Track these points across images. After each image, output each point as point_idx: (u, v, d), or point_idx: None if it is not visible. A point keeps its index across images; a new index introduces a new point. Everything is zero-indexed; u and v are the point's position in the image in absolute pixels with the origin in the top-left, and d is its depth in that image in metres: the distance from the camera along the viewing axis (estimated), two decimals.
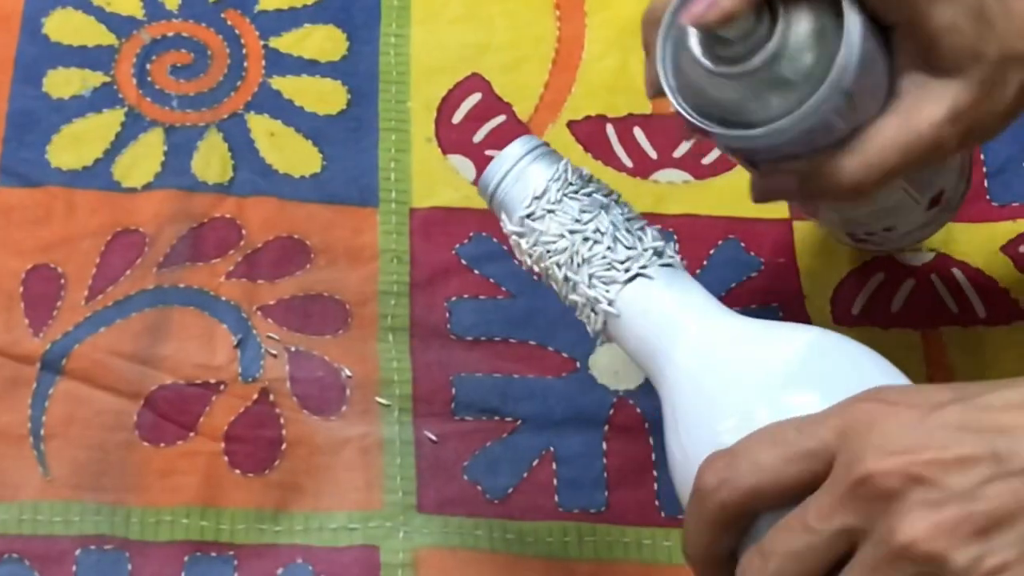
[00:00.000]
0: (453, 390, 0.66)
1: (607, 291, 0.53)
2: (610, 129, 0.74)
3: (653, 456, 0.65)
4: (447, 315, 0.68)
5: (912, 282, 0.70)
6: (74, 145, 0.71)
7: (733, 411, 0.49)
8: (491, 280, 0.69)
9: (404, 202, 0.71)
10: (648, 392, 0.66)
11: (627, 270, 0.53)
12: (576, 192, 0.55)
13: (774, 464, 0.45)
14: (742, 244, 0.71)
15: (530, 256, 0.55)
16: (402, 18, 0.77)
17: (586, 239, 0.54)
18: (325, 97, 0.74)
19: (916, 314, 0.69)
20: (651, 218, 0.70)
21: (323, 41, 0.76)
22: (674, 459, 0.51)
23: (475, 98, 0.75)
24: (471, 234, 0.70)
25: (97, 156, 0.71)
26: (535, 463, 0.65)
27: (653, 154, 0.73)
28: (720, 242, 0.71)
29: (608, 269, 0.54)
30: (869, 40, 0.52)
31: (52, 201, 0.70)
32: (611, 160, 0.73)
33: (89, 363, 0.65)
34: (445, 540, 0.62)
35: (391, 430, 0.65)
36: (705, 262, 0.70)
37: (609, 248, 0.54)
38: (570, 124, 0.74)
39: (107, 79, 0.74)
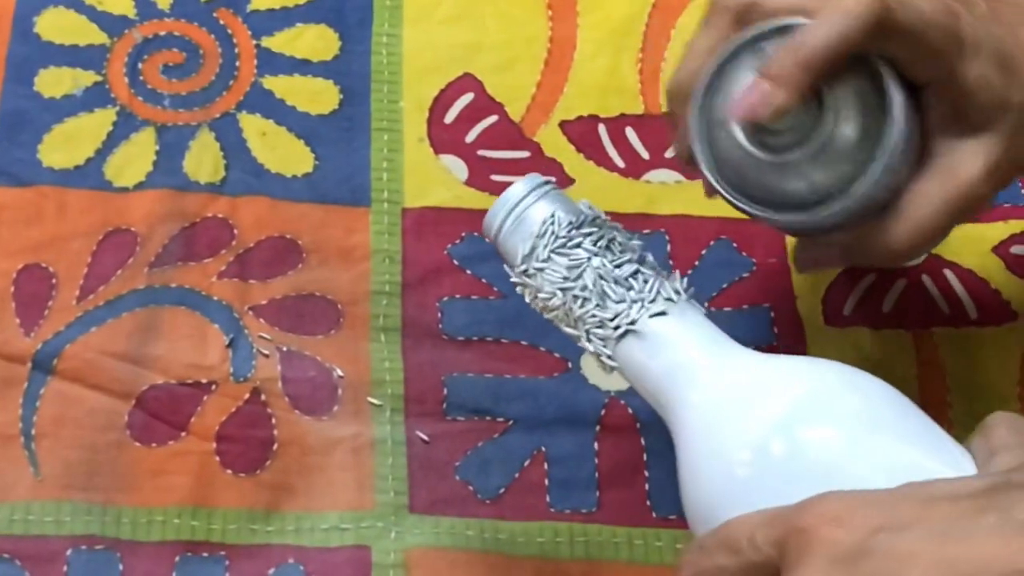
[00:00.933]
0: (445, 390, 0.66)
1: (604, 346, 0.54)
2: (602, 129, 0.74)
3: (644, 456, 0.65)
4: (439, 315, 0.68)
5: (903, 283, 0.70)
6: (66, 144, 0.71)
7: (748, 445, 0.49)
8: (483, 280, 0.69)
9: (396, 202, 0.71)
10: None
11: (616, 327, 0.53)
12: (563, 246, 0.54)
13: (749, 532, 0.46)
14: (734, 244, 0.71)
15: (533, 303, 0.55)
16: (394, 18, 0.77)
17: (576, 297, 0.54)
18: (317, 97, 0.74)
19: (907, 315, 0.69)
20: (643, 218, 0.71)
21: (315, 41, 0.76)
22: (688, 498, 0.51)
23: (467, 98, 0.75)
24: (463, 234, 0.70)
25: (89, 155, 0.71)
26: (526, 463, 0.65)
27: (645, 154, 0.73)
28: (712, 242, 0.71)
29: (600, 327, 0.54)
30: (909, 112, 0.53)
31: (43, 200, 0.69)
32: (603, 160, 0.73)
33: (80, 363, 0.65)
34: (437, 540, 0.62)
35: (383, 430, 0.65)
36: (697, 262, 0.70)
37: (598, 306, 0.53)
38: (562, 124, 0.74)
39: (99, 78, 0.74)
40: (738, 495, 0.49)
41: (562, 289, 0.54)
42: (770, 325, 0.69)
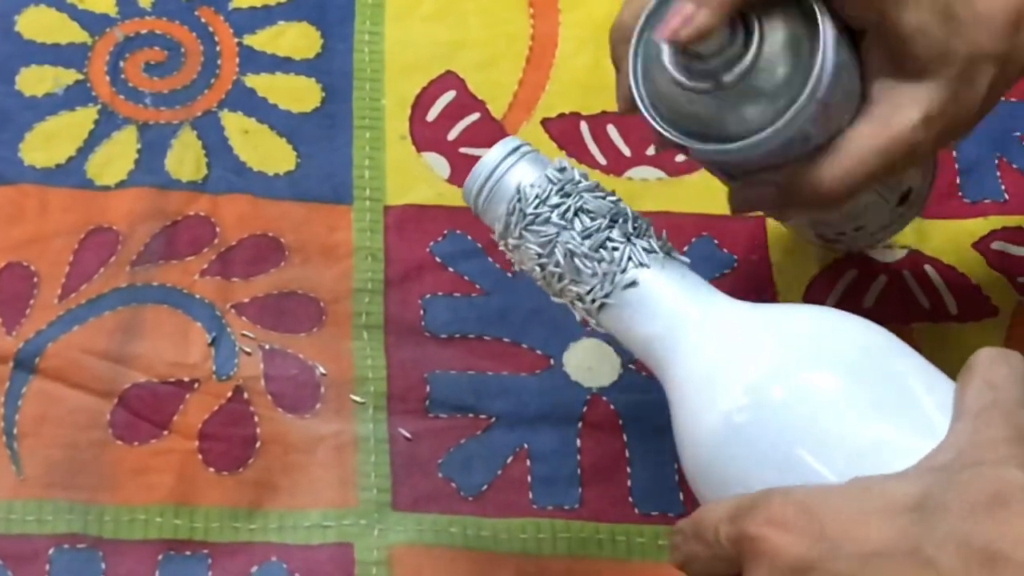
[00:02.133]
0: (427, 387, 0.66)
1: (588, 315, 0.54)
2: (584, 127, 0.74)
3: (627, 452, 0.65)
4: (421, 312, 0.68)
5: (884, 279, 0.71)
6: (47, 143, 0.71)
7: (741, 389, 0.49)
8: (465, 277, 0.69)
9: (378, 200, 0.71)
10: (621, 388, 0.66)
11: (592, 300, 0.53)
12: (532, 223, 0.54)
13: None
14: (715, 241, 0.71)
15: (526, 263, 0.55)
16: (376, 15, 0.77)
17: (552, 273, 0.54)
18: (299, 95, 0.74)
19: (888, 311, 0.70)
20: None
21: (297, 39, 0.76)
22: (686, 454, 0.51)
23: (449, 96, 0.75)
24: (445, 231, 0.70)
25: (70, 154, 0.71)
26: (509, 460, 0.65)
27: (627, 151, 0.73)
28: (693, 239, 0.71)
29: (578, 299, 0.54)
30: (842, 48, 0.52)
31: (25, 199, 0.69)
32: (585, 157, 0.73)
33: (62, 362, 0.65)
34: (420, 537, 0.62)
35: (365, 428, 0.65)
36: None
37: (573, 281, 0.53)
38: (544, 122, 0.74)
39: (80, 77, 0.73)
40: (736, 443, 0.49)
41: (539, 265, 0.54)
42: None
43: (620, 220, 0.53)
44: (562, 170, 0.54)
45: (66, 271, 0.68)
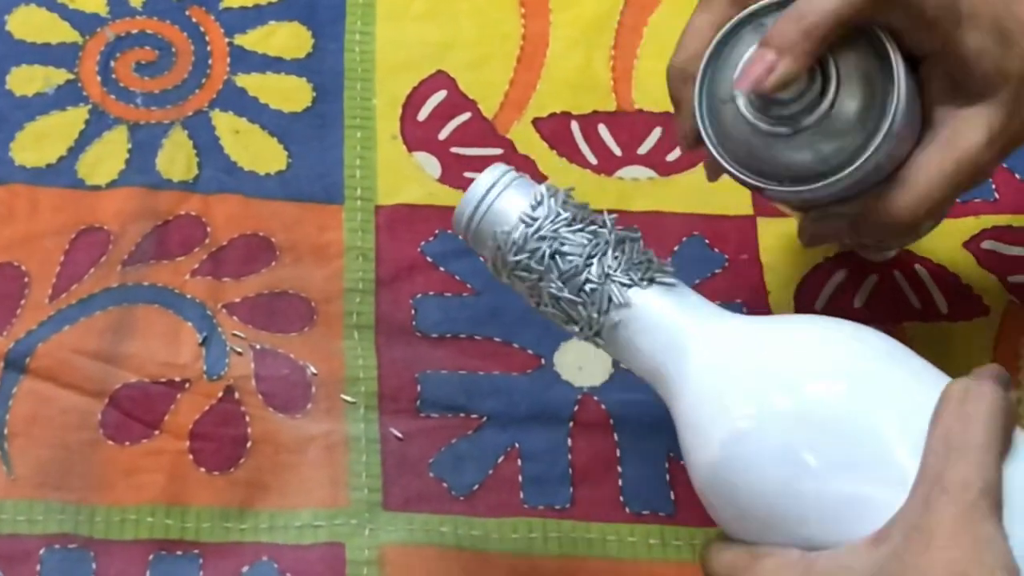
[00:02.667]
0: (418, 387, 0.66)
1: (588, 341, 0.54)
2: (575, 126, 0.74)
3: (618, 452, 0.65)
4: (412, 312, 0.68)
5: (875, 278, 0.71)
6: (38, 143, 0.71)
7: (752, 400, 0.50)
8: (456, 277, 0.69)
9: (369, 199, 0.71)
10: (612, 388, 0.66)
11: (581, 330, 0.54)
12: (515, 268, 0.54)
13: None
14: (706, 240, 0.71)
15: (516, 286, 0.55)
16: (367, 15, 0.77)
17: (545, 313, 0.54)
18: (290, 94, 0.74)
19: (879, 310, 0.70)
20: (616, 215, 0.71)
21: (288, 38, 0.76)
22: (695, 467, 0.51)
23: (440, 95, 0.75)
24: (436, 231, 0.70)
25: (61, 154, 0.71)
26: (500, 460, 0.65)
27: (617, 151, 0.73)
28: (684, 239, 0.71)
29: (578, 332, 0.54)
30: (910, 80, 0.53)
31: (15, 199, 0.69)
32: (576, 157, 0.73)
33: (53, 362, 0.65)
34: (411, 537, 0.63)
35: (356, 427, 0.65)
36: (669, 259, 0.70)
37: (564, 320, 0.54)
38: (535, 121, 0.74)
39: (71, 76, 0.73)
40: (743, 453, 0.49)
41: (534, 303, 0.54)
42: None
43: (598, 256, 0.53)
44: (536, 206, 0.53)
45: (57, 271, 0.68)
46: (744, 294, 0.70)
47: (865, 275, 0.71)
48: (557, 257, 0.53)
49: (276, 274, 0.69)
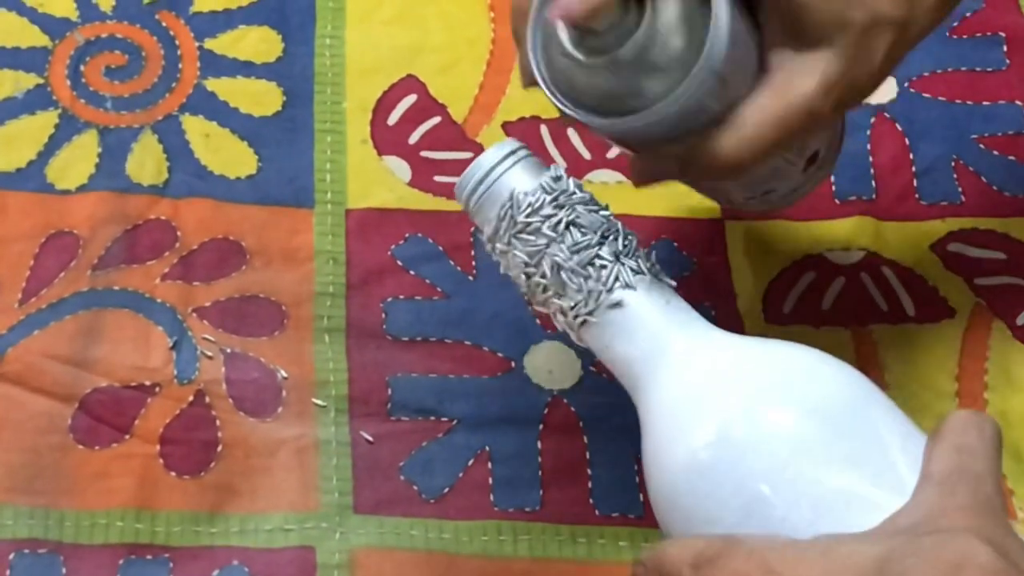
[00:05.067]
0: (389, 390, 0.66)
1: (569, 329, 0.54)
2: (544, 130, 0.74)
3: (587, 455, 0.65)
4: (383, 316, 0.68)
5: (842, 281, 0.71)
6: (7, 147, 0.71)
7: (711, 426, 0.49)
8: (427, 281, 0.69)
9: (340, 203, 0.71)
10: (582, 391, 0.67)
11: (576, 316, 0.53)
12: (523, 231, 0.54)
13: None
14: (675, 244, 0.71)
15: (513, 268, 0.55)
16: (337, 19, 0.77)
17: (537, 284, 0.54)
18: (260, 98, 0.74)
19: (846, 312, 0.70)
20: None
21: (258, 42, 0.76)
22: (651, 481, 0.51)
23: (410, 99, 0.75)
24: (406, 235, 0.71)
25: (30, 158, 0.71)
26: (471, 463, 0.65)
27: (587, 155, 0.74)
28: (653, 242, 0.71)
29: (560, 313, 0.54)
30: (737, 19, 0.52)
31: None
32: (545, 160, 0.72)
33: (22, 366, 0.65)
34: (381, 540, 0.63)
35: (327, 431, 0.65)
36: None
37: (557, 294, 0.53)
38: (504, 125, 0.74)
39: (40, 81, 0.73)
40: (701, 479, 0.49)
41: (525, 274, 0.54)
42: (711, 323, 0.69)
43: (611, 237, 0.53)
44: (557, 179, 0.54)
45: (26, 275, 0.67)
46: (713, 297, 0.70)
47: (832, 278, 0.71)
48: (572, 228, 0.53)
49: (246, 278, 0.69)
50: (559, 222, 0.53)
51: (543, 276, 0.53)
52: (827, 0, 0.52)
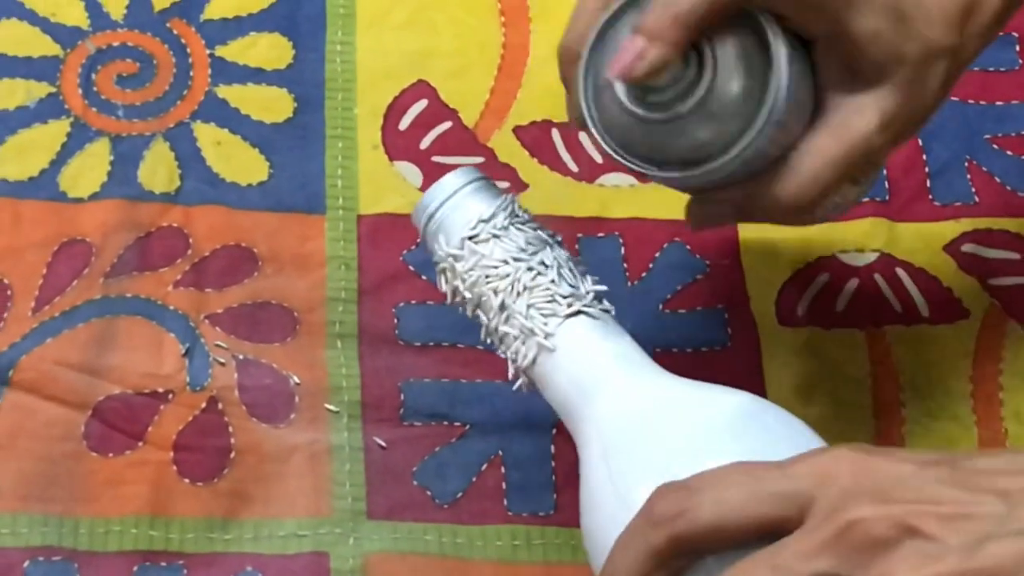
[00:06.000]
0: (402, 396, 0.66)
1: (545, 324, 0.53)
2: (556, 134, 0.74)
3: None
4: (395, 321, 0.68)
5: (856, 282, 0.71)
6: (19, 156, 0.71)
7: (653, 472, 0.48)
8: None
9: (351, 209, 0.71)
10: None
11: (570, 305, 0.53)
12: (523, 224, 0.54)
13: (742, 502, 0.44)
14: (687, 247, 0.71)
15: (463, 281, 0.54)
16: (347, 25, 0.77)
17: (530, 268, 0.54)
18: (271, 105, 0.74)
19: (860, 314, 0.70)
20: (597, 222, 0.72)
21: (269, 49, 0.76)
22: (583, 504, 0.50)
23: (421, 105, 0.75)
24: (418, 240, 0.70)
25: (43, 166, 0.71)
26: (484, 467, 0.65)
27: (598, 158, 0.74)
28: (665, 245, 0.71)
29: (550, 301, 0.53)
30: (795, 62, 0.52)
31: None
32: (557, 165, 0.73)
33: (36, 374, 0.65)
34: (395, 545, 0.63)
35: (340, 437, 0.65)
36: (651, 265, 0.71)
37: (553, 281, 0.53)
38: (516, 130, 0.74)
39: (52, 89, 0.73)
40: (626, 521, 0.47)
41: (515, 259, 0.54)
42: (724, 326, 0.69)
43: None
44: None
45: (39, 283, 0.68)
46: (725, 300, 0.70)
47: (846, 279, 0.71)
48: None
49: (258, 284, 0.69)
50: (553, 235, 0.54)
51: (541, 263, 0.54)
52: (884, 37, 0.52)
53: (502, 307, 0.54)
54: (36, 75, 0.74)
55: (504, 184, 0.72)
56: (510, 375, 0.54)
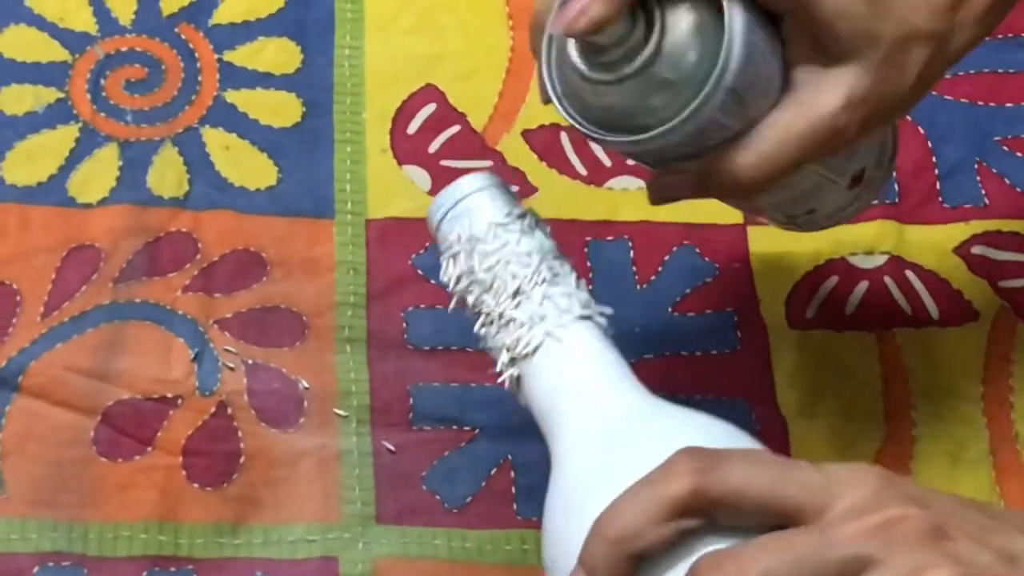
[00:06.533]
0: (411, 400, 0.66)
1: (559, 317, 0.53)
2: (564, 138, 0.74)
3: None
4: (404, 325, 0.68)
5: (866, 284, 0.71)
6: (28, 161, 0.71)
7: (609, 491, 0.47)
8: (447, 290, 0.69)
9: (360, 213, 0.71)
10: None
11: (584, 307, 0.53)
12: (546, 234, 0.55)
13: (770, 478, 0.44)
14: (697, 249, 0.71)
15: (480, 263, 0.54)
16: (356, 29, 0.77)
17: (551, 268, 0.53)
18: (280, 110, 0.74)
19: (870, 317, 0.70)
20: (606, 225, 0.72)
21: (277, 54, 0.76)
22: (549, 520, 0.50)
23: (430, 108, 0.75)
24: (427, 244, 0.70)
25: (52, 172, 0.71)
26: (493, 472, 0.65)
27: (607, 161, 0.74)
28: (675, 248, 0.71)
29: (568, 297, 0.53)
30: (755, 33, 0.50)
31: (6, 218, 0.69)
32: (566, 168, 0.73)
33: (45, 379, 0.65)
34: (404, 550, 0.63)
35: (349, 441, 0.65)
36: (660, 268, 0.70)
37: (572, 284, 0.53)
38: (524, 133, 0.74)
39: (61, 95, 0.74)
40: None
41: (540, 253, 0.54)
42: (734, 329, 0.69)
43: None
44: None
45: (48, 289, 0.68)
46: (735, 302, 0.70)
47: (856, 282, 0.71)
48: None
49: (267, 289, 0.69)
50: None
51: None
52: (854, 14, 0.50)
53: (517, 292, 0.53)
54: (45, 80, 0.74)
55: (513, 188, 0.72)
56: (498, 366, 0.54)
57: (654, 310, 0.69)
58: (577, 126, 0.52)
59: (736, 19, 0.50)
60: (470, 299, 0.55)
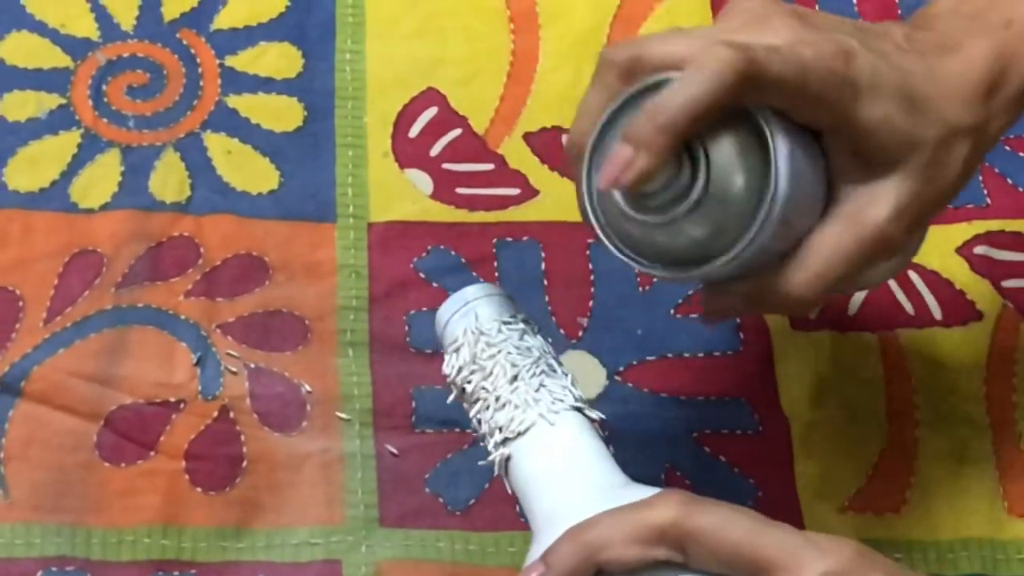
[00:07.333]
0: (413, 403, 0.66)
1: (552, 404, 0.53)
2: (565, 140, 0.74)
3: None
4: (406, 328, 0.68)
5: None
6: (31, 167, 0.71)
7: None
8: (449, 292, 0.69)
9: (362, 217, 0.71)
10: (607, 400, 0.66)
11: (577, 400, 0.54)
12: (543, 338, 0.56)
13: (750, 527, 0.45)
14: None
15: (483, 352, 0.55)
16: (357, 34, 0.77)
17: (550, 364, 0.55)
18: (281, 114, 0.74)
19: (873, 317, 0.70)
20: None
21: (278, 59, 0.76)
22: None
23: (431, 112, 0.75)
24: (429, 247, 0.71)
25: (54, 178, 0.71)
26: (496, 474, 0.65)
27: None
28: None
29: (563, 388, 0.54)
30: (799, 157, 0.50)
31: (8, 224, 0.70)
32: (567, 171, 0.73)
33: (48, 384, 0.65)
34: (407, 553, 0.63)
35: (352, 444, 0.65)
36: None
37: (566, 382, 0.54)
38: (526, 136, 0.74)
39: (63, 101, 0.74)
40: None
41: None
42: (736, 331, 0.69)
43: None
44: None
45: (51, 294, 0.68)
46: None
47: None
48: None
49: (269, 293, 0.69)
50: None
51: (549, 366, 0.55)
52: (896, 123, 0.50)
53: (515, 377, 0.54)
54: (47, 86, 0.74)
55: (515, 191, 0.73)
56: (489, 446, 0.54)
57: (656, 312, 0.69)
58: (626, 259, 0.52)
59: (781, 149, 0.49)
60: (469, 387, 0.55)
